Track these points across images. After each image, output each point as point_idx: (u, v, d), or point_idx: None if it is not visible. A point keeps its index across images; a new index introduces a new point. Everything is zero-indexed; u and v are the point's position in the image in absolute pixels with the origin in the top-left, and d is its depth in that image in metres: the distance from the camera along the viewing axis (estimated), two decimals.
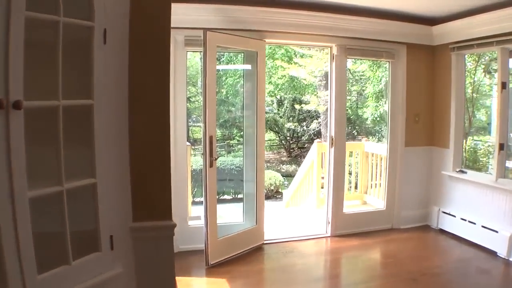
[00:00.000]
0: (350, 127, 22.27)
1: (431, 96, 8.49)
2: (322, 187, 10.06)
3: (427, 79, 8.47)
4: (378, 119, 14.18)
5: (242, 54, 7.64)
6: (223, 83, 24.91)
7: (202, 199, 6.53)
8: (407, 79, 8.20)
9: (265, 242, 7.54)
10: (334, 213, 8.00)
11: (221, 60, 24.57)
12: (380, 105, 13.17)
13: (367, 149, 10.34)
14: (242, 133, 7.85)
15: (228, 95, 26.17)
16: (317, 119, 22.08)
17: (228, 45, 6.79)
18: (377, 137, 19.44)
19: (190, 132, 30.54)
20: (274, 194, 16.81)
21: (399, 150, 8.40)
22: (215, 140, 6.24)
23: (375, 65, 13.67)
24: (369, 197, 10.36)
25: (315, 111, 21.65)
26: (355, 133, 22.22)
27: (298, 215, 10.04)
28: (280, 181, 16.98)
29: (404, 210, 8.56)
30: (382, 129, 16.94)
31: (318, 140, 10.31)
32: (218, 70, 27.87)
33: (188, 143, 9.15)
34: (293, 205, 11.89)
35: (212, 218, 6.42)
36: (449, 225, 8.16)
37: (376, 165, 10.10)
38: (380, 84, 12.88)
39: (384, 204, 8.60)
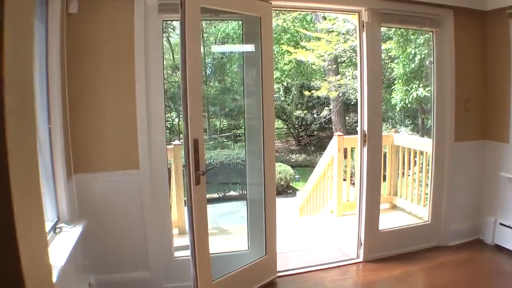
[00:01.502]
0: None
1: (483, 77, 6.33)
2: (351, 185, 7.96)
3: (478, 54, 6.32)
4: (409, 106, 11.80)
5: (240, 23, 5.49)
6: (227, 71, 23.36)
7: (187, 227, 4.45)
8: (456, 55, 6.01)
9: (278, 275, 5.41)
10: (368, 231, 5.87)
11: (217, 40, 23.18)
12: (413, 88, 10.86)
13: (397, 142, 8.12)
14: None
15: (233, 84, 24.54)
16: (328, 106, 20.02)
17: (218, 7, 4.53)
18: (410, 128, 17.44)
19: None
20: (285, 189, 14.72)
21: (448, 146, 6.21)
22: (203, 145, 4.12)
23: (405, 40, 11.27)
24: (400, 200, 8.28)
25: (325, 98, 19.60)
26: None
27: (316, 228, 7.82)
28: (291, 174, 14.87)
29: (452, 222, 6.47)
30: (418, 118, 14.56)
31: (339, 133, 8.06)
32: (222, 56, 26.42)
33: (179, 142, 7.31)
34: (308, 211, 9.78)
35: (202, 257, 4.28)
36: (509, 240, 6.15)
37: (409, 161, 8.03)
38: (413, 63, 10.52)
39: (428, 215, 6.46)
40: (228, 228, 8.12)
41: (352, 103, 21.64)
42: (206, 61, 26.72)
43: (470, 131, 6.36)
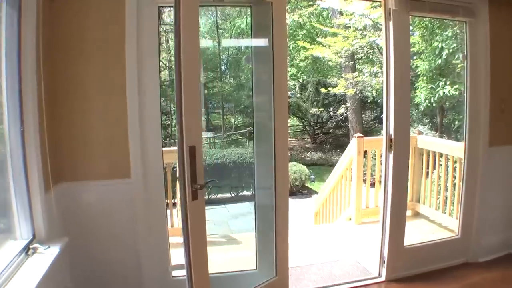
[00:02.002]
0: None
1: None
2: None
3: None
4: (434, 105, 10.91)
5: (249, 11, 4.78)
6: (242, 67, 22.89)
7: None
8: (491, 48, 5.25)
9: None
10: (392, 249, 5.08)
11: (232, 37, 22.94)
12: (439, 86, 9.96)
13: (421, 144, 7.36)
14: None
15: (248, 80, 23.99)
16: (344, 104, 19.35)
17: None
18: (427, 127, 16.69)
19: (209, 119, 28.90)
20: (299, 189, 14.00)
21: (481, 152, 5.40)
22: (201, 153, 3.40)
23: (430, 33, 10.39)
24: (424, 207, 7.52)
25: (341, 95, 18.93)
26: None
27: (333, 238, 7.07)
28: (306, 174, 14.10)
29: (484, 236, 5.67)
30: (437, 116, 13.65)
31: (358, 135, 7.26)
32: (237, 52, 26.05)
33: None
34: (324, 217, 9.04)
35: (199, 283, 3.55)
36: None
37: (433, 166, 7.22)
38: (439, 58, 9.61)
39: (458, 228, 5.67)
40: (237, 237, 7.43)
41: (369, 101, 21.13)
42: (222, 57, 26.26)
43: (506, 134, 5.57)
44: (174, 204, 6.76)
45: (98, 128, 4.14)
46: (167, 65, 23.90)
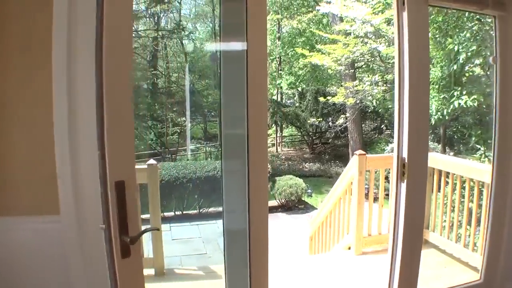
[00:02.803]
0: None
1: None
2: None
3: None
4: (447, 118, 9.52)
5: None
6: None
7: None
8: None
9: None
10: None
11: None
12: (454, 96, 8.60)
13: (431, 163, 6.19)
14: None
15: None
16: (344, 114, 18.38)
17: None
18: (430, 138, 15.67)
19: (207, 127, 28.14)
20: (296, 204, 12.90)
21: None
22: (134, 190, 2.31)
23: (444, 35, 9.04)
24: (434, 235, 6.33)
25: (341, 105, 17.90)
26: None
27: (330, 272, 5.95)
28: (303, 188, 12.96)
29: (510, 281, 4.47)
30: (439, 128, 12.38)
31: (359, 152, 6.09)
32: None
33: (154, 162, 5.67)
34: (320, 243, 7.88)
35: None
36: None
37: (446, 188, 6.06)
38: (455, 63, 8.26)
39: (480, 270, 4.48)
40: (218, 269, 6.28)
41: (369, 111, 20.31)
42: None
43: None
44: None
45: (20, 144, 3.00)
46: (163, 72, 23.08)
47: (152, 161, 5.64)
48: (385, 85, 15.61)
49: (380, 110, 21.04)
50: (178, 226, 10.92)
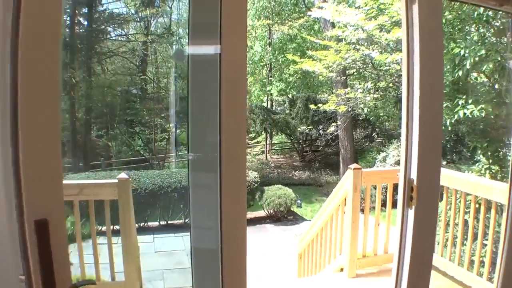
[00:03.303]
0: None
1: None
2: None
3: None
4: (450, 128, 8.73)
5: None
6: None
7: None
8: None
9: None
10: None
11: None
12: (458, 105, 7.80)
13: (443, 181, 5.52)
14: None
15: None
16: (335, 121, 17.84)
17: None
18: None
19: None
20: (285, 215, 12.30)
21: None
22: (64, 232, 1.70)
23: (447, 38, 8.27)
24: (440, 259, 5.52)
25: (332, 112, 17.33)
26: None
27: None
28: (292, 199, 12.34)
29: None
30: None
31: (354, 166, 5.42)
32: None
33: (126, 176, 5.08)
34: (309, 263, 7.22)
35: None
36: None
37: (456, 209, 5.42)
38: (460, 69, 7.48)
39: None
40: None
41: (360, 118, 19.80)
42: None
43: None
44: None
45: None
46: (152, 78, 22.55)
47: (123, 175, 4.98)
48: (377, 92, 15.07)
49: (371, 118, 20.63)
50: (162, 237, 10.35)
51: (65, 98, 20.40)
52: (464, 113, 7.27)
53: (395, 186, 4.81)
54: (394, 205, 3.98)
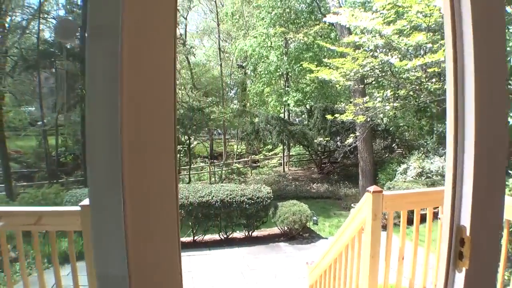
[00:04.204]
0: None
1: None
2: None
3: None
4: None
5: None
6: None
7: None
8: None
9: None
10: None
11: None
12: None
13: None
14: None
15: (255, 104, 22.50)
16: (354, 132, 16.73)
17: None
18: (444, 158, 14.24)
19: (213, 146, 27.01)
20: (300, 232, 11.21)
21: None
22: None
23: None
24: None
25: (350, 123, 16.22)
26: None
27: None
28: (307, 216, 11.21)
29: None
30: None
31: (374, 188, 4.23)
32: (243, 75, 24.81)
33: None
34: None
35: None
36: None
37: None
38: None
39: None
40: None
41: (379, 129, 18.79)
42: (225, 80, 24.36)
43: None
44: None
45: None
46: None
47: (85, 202, 3.91)
48: (397, 101, 13.98)
49: (391, 128, 19.64)
50: None
51: None
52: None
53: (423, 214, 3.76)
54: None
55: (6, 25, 21.31)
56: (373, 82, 16.91)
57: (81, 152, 19.69)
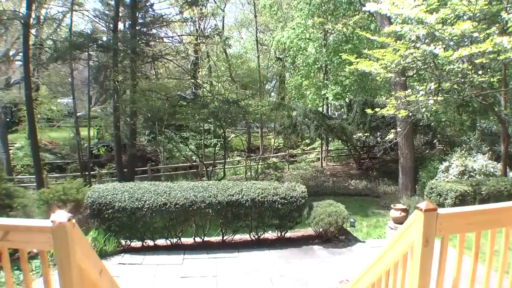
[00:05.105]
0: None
1: None
2: None
3: None
4: None
5: None
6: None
7: None
8: None
9: None
10: None
11: None
12: None
13: None
14: None
15: (294, 97, 22.06)
16: (394, 128, 15.67)
17: None
18: (487, 156, 13.22)
19: (251, 139, 26.33)
20: (335, 235, 10.16)
21: None
22: None
23: None
24: None
25: (391, 117, 15.15)
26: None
27: None
28: (344, 217, 10.11)
29: None
30: (501, 143, 9.67)
31: (426, 205, 3.13)
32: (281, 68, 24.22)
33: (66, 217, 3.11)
34: None
35: None
36: None
37: None
38: None
39: None
40: None
41: (420, 124, 17.72)
42: (262, 72, 23.60)
43: None
44: None
45: None
46: (202, 80, 21.19)
47: (60, 216, 2.96)
48: (439, 95, 12.87)
49: (432, 124, 18.59)
50: (193, 259, 8.62)
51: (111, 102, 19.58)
52: None
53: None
54: None
55: (42, 17, 20.95)
56: (414, 75, 15.89)
57: (115, 144, 19.03)
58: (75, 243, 3.02)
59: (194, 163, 21.96)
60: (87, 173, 18.66)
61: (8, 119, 25.16)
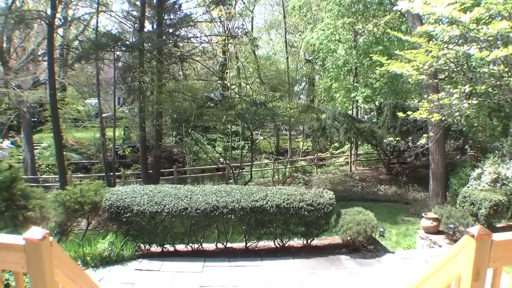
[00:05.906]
0: None
1: None
2: None
3: None
4: None
5: None
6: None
7: None
8: None
9: None
10: None
11: None
12: None
13: None
14: None
15: (323, 100, 21.50)
16: (426, 132, 14.95)
17: None
18: None
19: (279, 142, 25.79)
20: (363, 244, 9.50)
21: None
22: None
23: None
24: None
25: (422, 121, 14.48)
26: None
27: None
28: (373, 226, 9.42)
29: None
30: None
31: (478, 230, 2.48)
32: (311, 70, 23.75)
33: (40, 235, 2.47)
34: None
35: None
36: None
37: None
38: None
39: None
40: None
41: (452, 129, 17.64)
42: (291, 75, 23.17)
43: None
44: None
45: None
46: (230, 82, 20.69)
47: (34, 233, 2.40)
48: (473, 98, 12.14)
49: (464, 129, 17.85)
50: (213, 267, 8.10)
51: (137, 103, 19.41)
52: None
53: None
54: None
55: (69, 18, 20.80)
56: (445, 78, 15.25)
57: (140, 145, 18.72)
58: (52, 264, 2.49)
59: (221, 166, 21.48)
60: (111, 173, 18.34)
61: (34, 119, 25.11)
